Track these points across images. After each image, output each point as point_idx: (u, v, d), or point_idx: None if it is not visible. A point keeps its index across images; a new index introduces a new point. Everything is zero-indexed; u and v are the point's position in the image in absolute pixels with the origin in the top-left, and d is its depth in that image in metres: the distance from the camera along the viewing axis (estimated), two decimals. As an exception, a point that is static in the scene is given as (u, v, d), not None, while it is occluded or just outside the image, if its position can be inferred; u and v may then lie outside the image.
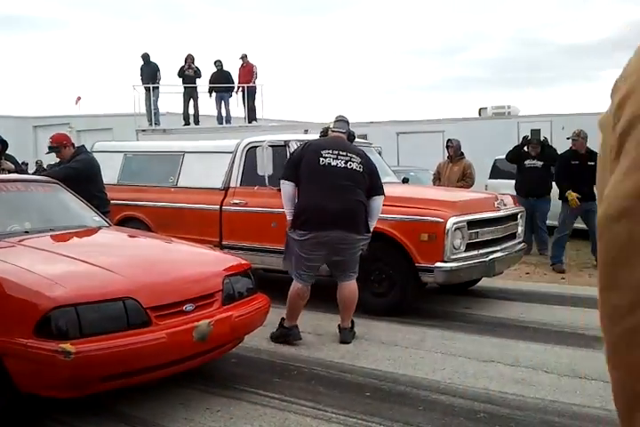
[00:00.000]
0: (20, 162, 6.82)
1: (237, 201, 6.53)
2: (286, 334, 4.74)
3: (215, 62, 15.90)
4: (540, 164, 8.90)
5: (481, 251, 5.70)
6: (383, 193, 4.84)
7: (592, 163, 7.65)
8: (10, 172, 6.09)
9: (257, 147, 6.44)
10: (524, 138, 9.52)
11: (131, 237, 4.79)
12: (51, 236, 4.24)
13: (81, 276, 3.42)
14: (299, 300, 4.70)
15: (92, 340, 3.06)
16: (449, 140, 9.41)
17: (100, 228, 4.71)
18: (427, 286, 5.74)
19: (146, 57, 15.67)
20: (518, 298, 6.43)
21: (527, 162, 8.97)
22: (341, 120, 4.98)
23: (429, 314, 5.61)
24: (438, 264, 5.33)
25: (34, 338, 3.02)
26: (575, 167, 7.77)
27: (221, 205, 6.62)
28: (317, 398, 3.77)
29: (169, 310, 3.43)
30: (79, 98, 23.90)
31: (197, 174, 7.03)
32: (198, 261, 4.12)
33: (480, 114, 17.49)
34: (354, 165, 4.67)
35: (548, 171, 8.96)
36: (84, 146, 6.39)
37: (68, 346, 2.96)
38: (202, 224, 6.50)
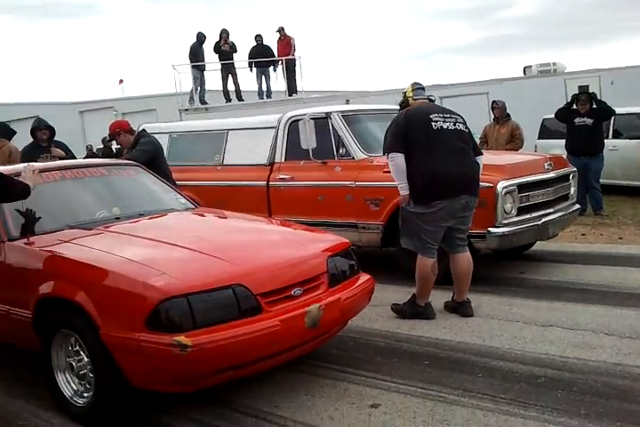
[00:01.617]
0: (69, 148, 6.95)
1: (283, 176, 6.55)
2: (421, 313, 4.62)
3: (256, 37, 15.87)
4: (589, 121, 8.65)
5: (533, 214, 5.60)
6: (482, 153, 4.76)
7: None
8: (61, 158, 6.22)
9: (299, 120, 6.42)
10: (572, 96, 9.23)
11: (222, 218, 4.56)
12: (142, 221, 4.07)
13: (186, 263, 3.25)
14: (431, 275, 4.56)
15: (207, 331, 2.92)
16: (494, 101, 9.19)
17: (188, 210, 4.59)
18: (479, 252, 5.68)
19: (200, 36, 15.64)
20: (574, 260, 6.31)
21: (577, 120, 8.73)
22: (419, 88, 4.76)
23: (484, 280, 5.55)
24: (490, 230, 5.26)
25: (146, 332, 2.90)
26: None
27: (268, 181, 6.65)
28: (376, 367, 3.80)
29: (278, 295, 3.25)
30: (121, 80, 24.22)
31: (242, 151, 7.06)
32: (299, 242, 3.87)
33: (525, 73, 17.03)
34: (461, 126, 4.55)
35: (599, 128, 8.71)
36: (144, 130, 6.41)
37: (183, 339, 2.84)
38: (250, 201, 6.54)
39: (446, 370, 3.70)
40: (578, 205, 6.61)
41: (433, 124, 4.43)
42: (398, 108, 4.87)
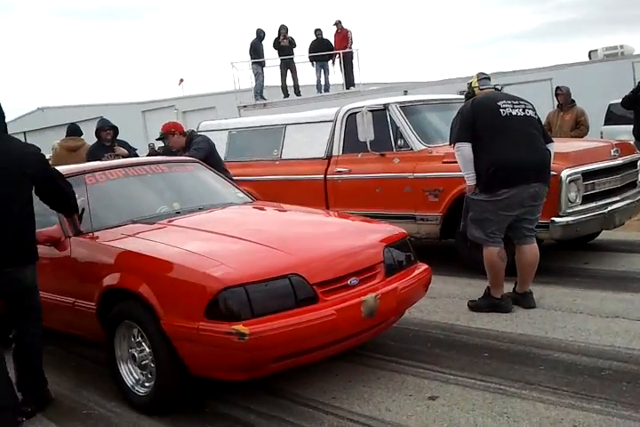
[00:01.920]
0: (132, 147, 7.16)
1: (341, 169, 6.56)
2: (497, 305, 4.52)
3: (315, 31, 15.94)
4: (660, 105, 8.27)
5: (599, 202, 5.44)
6: (552, 140, 4.67)
7: None
8: (124, 157, 6.42)
9: (356, 113, 6.41)
10: (639, 82, 8.86)
11: (280, 211, 4.64)
12: (201, 215, 4.18)
13: (244, 254, 3.32)
14: (500, 263, 4.48)
15: (264, 320, 2.98)
16: (558, 87, 8.93)
17: (246, 204, 4.68)
18: (543, 242, 5.54)
19: (260, 32, 15.84)
20: (642, 250, 6.09)
21: (646, 102, 8.37)
22: (485, 78, 4.66)
23: (546, 271, 5.41)
24: (554, 219, 5.13)
25: (205, 321, 2.98)
26: None
27: (325, 175, 6.67)
28: (434, 359, 3.78)
29: (334, 285, 3.28)
30: (182, 80, 24.66)
31: (300, 145, 7.11)
32: (355, 232, 3.90)
33: (590, 57, 16.46)
34: (530, 113, 4.45)
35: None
36: (193, 130, 6.53)
37: (241, 327, 2.91)
38: (307, 194, 6.57)
39: (507, 362, 3.64)
40: (646, 193, 6.37)
41: (501, 110, 4.34)
42: (463, 98, 4.80)
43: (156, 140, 6.79)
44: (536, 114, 4.52)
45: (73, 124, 7.73)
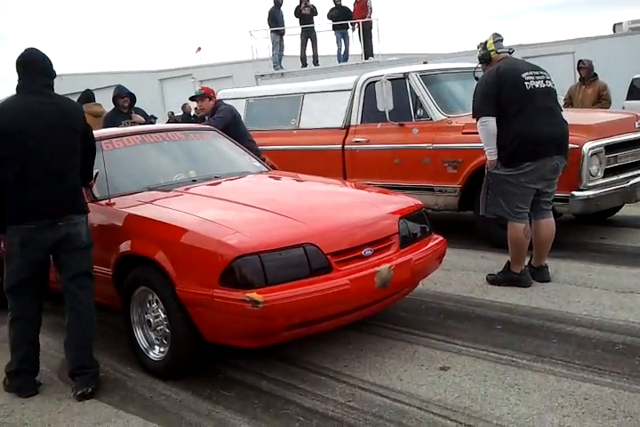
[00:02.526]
0: (148, 115, 7.16)
1: (359, 139, 6.51)
2: (517, 280, 4.49)
3: None
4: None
5: (621, 176, 5.36)
6: (562, 109, 4.59)
7: None
8: (140, 124, 6.41)
9: (375, 82, 6.33)
10: None
11: (296, 181, 4.61)
12: (217, 183, 4.17)
13: (259, 223, 3.32)
14: (524, 240, 4.43)
15: (278, 288, 3.00)
16: (580, 60, 8.76)
17: (262, 173, 4.67)
18: (561, 216, 5.48)
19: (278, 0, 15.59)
20: (660, 226, 6.02)
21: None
22: (500, 39, 4.51)
23: (562, 245, 5.37)
24: (574, 193, 5.07)
25: (219, 288, 3.00)
26: None
27: (343, 144, 6.63)
28: (446, 331, 3.79)
29: (348, 255, 3.29)
30: (199, 48, 24.54)
31: (318, 115, 7.05)
32: (371, 203, 3.87)
33: (615, 30, 16.11)
34: (549, 83, 4.38)
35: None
36: (221, 100, 6.50)
37: (255, 295, 2.93)
38: (325, 164, 6.54)
39: (519, 335, 3.65)
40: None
41: (526, 83, 4.25)
42: (478, 61, 4.63)
43: (190, 99, 6.84)
44: (553, 84, 4.44)
45: (87, 90, 7.72)
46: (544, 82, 4.32)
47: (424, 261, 3.66)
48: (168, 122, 16.45)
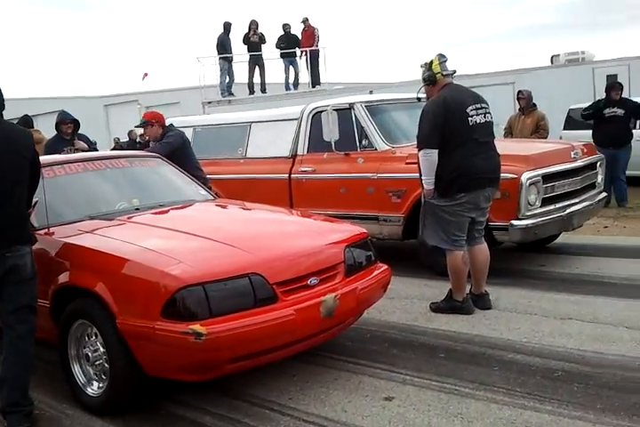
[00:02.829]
0: (92, 141, 7.05)
1: (306, 168, 6.55)
2: (459, 308, 4.56)
3: (284, 26, 15.81)
4: (620, 111, 8.51)
5: (558, 205, 5.50)
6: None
7: None
8: (83, 151, 6.31)
9: (322, 112, 6.40)
10: (597, 100, 9.10)
11: (241, 209, 4.60)
12: (161, 212, 4.12)
13: (203, 252, 3.28)
14: (463, 267, 4.53)
15: (222, 320, 2.95)
16: (519, 91, 9.09)
17: (207, 201, 4.63)
18: (502, 244, 5.63)
19: (227, 26, 15.63)
20: (596, 253, 6.22)
21: (607, 111, 8.59)
22: (445, 61, 4.56)
23: (503, 273, 5.51)
24: (513, 222, 5.19)
25: (161, 320, 2.94)
26: None
27: (290, 174, 6.66)
28: (391, 360, 3.80)
29: (294, 284, 3.27)
30: (146, 74, 24.32)
31: (265, 144, 7.06)
32: (316, 232, 3.88)
33: (552, 62, 16.77)
34: (489, 117, 4.51)
35: (629, 119, 8.56)
36: (172, 124, 6.42)
37: (198, 327, 2.87)
38: (272, 194, 6.53)
39: (462, 363, 3.69)
40: (604, 194, 6.48)
41: (469, 119, 4.36)
42: (422, 80, 4.63)
43: (136, 126, 6.76)
44: (491, 117, 4.57)
45: (25, 115, 7.59)
46: (484, 116, 4.45)
47: (369, 290, 3.68)
48: (114, 148, 16.23)
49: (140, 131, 15.61)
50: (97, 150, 7.04)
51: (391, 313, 4.71)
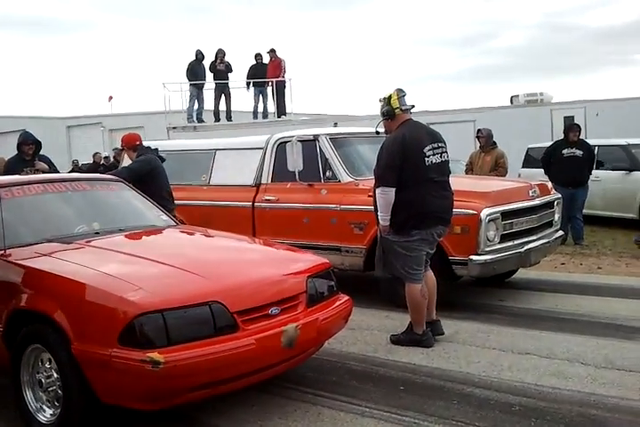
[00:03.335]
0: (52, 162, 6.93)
1: (269, 197, 6.56)
2: (419, 340, 4.57)
3: (256, 56, 15.98)
4: (579, 152, 8.77)
5: (516, 241, 5.61)
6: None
7: None
8: (44, 172, 6.21)
9: (286, 142, 6.45)
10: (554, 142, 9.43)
11: (203, 236, 4.55)
12: (122, 236, 4.06)
13: (163, 279, 3.24)
14: (423, 300, 4.56)
15: (181, 348, 2.90)
16: (479, 130, 9.29)
17: (169, 227, 4.57)
18: (461, 278, 5.70)
19: (198, 54, 15.72)
20: (553, 289, 6.34)
21: (565, 151, 8.85)
22: (404, 96, 4.62)
23: (463, 307, 5.57)
24: (472, 257, 5.27)
25: (118, 347, 2.88)
26: None
27: (253, 202, 6.65)
28: (351, 392, 3.78)
29: (255, 313, 3.24)
30: (111, 97, 24.27)
31: (229, 172, 7.07)
32: (279, 261, 3.89)
33: (512, 102, 17.25)
34: (445, 156, 4.58)
35: (587, 160, 8.83)
36: (149, 147, 6.34)
37: (156, 355, 2.82)
38: (235, 222, 6.52)
39: (421, 396, 3.69)
40: (561, 232, 6.64)
41: (426, 159, 4.44)
42: (381, 114, 4.68)
43: (113, 150, 6.70)
44: (448, 156, 4.66)
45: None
46: (440, 156, 4.54)
47: (330, 321, 3.66)
48: (72, 171, 15.97)
49: (106, 154, 15.50)
50: (58, 172, 6.92)
51: (352, 344, 4.69)
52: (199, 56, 15.71)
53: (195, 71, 15.52)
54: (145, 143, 6.84)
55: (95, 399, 3.06)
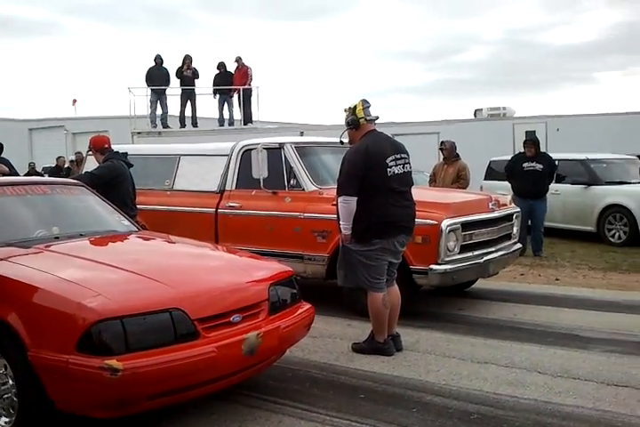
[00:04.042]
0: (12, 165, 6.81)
1: (233, 204, 6.54)
2: (381, 349, 4.59)
3: (218, 65, 15.92)
4: (539, 166, 8.94)
5: (475, 252, 5.70)
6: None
7: None
8: (4, 175, 6.10)
9: (252, 149, 6.45)
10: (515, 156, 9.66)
11: (165, 242, 4.52)
12: (82, 241, 4.00)
13: (123, 285, 3.21)
14: (384, 309, 4.57)
15: (140, 355, 2.87)
16: (442, 142, 9.44)
17: (130, 233, 4.53)
18: (421, 288, 5.76)
19: (158, 59, 15.60)
20: (512, 299, 6.44)
21: (525, 164, 9.02)
22: (369, 106, 4.66)
23: (424, 316, 5.62)
24: (432, 267, 5.34)
25: (76, 354, 2.83)
26: None
27: (217, 208, 6.62)
28: (312, 400, 3.78)
29: (216, 321, 3.23)
30: (75, 100, 23.96)
31: (193, 177, 7.03)
32: (242, 269, 3.86)
33: (475, 115, 17.55)
34: (407, 167, 4.62)
35: (547, 173, 9.01)
36: (117, 152, 6.24)
37: (114, 362, 2.78)
38: (198, 227, 6.49)
39: (381, 404, 3.71)
40: (519, 245, 6.77)
41: (388, 169, 4.48)
42: (346, 124, 4.70)
43: (75, 153, 6.59)
44: (410, 167, 4.71)
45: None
46: (403, 167, 4.59)
47: (292, 329, 3.67)
48: (28, 173, 15.66)
49: (72, 157, 15.15)
50: (18, 175, 6.81)
51: (313, 352, 4.69)
52: (158, 61, 15.61)
53: (151, 77, 15.38)
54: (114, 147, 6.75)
55: (52, 407, 3.01)
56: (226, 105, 16.10)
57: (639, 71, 77.61)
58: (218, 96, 15.95)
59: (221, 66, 15.98)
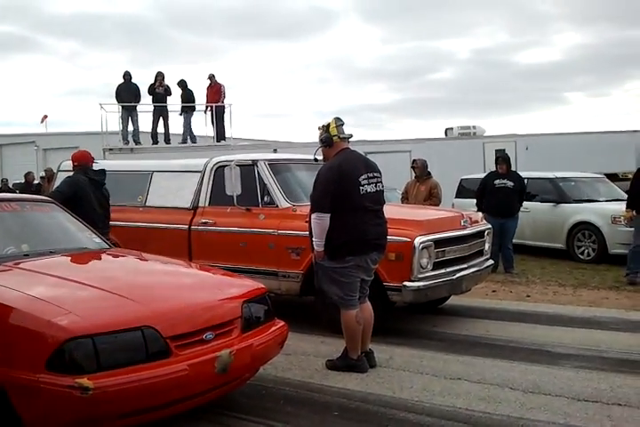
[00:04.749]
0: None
1: (206, 221, 6.51)
2: (355, 365, 4.59)
3: (179, 83, 15.91)
4: (510, 184, 9.06)
5: (448, 269, 5.74)
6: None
7: None
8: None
9: (225, 166, 6.45)
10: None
11: (137, 259, 4.48)
12: (52, 259, 3.97)
13: (94, 303, 3.18)
14: (358, 326, 4.57)
15: (111, 374, 2.85)
16: (414, 160, 9.52)
17: (102, 250, 4.49)
18: (395, 304, 5.77)
19: (127, 75, 15.56)
20: (485, 316, 6.49)
21: (497, 182, 9.14)
22: (342, 124, 4.71)
23: (397, 332, 5.64)
24: (406, 284, 5.36)
25: (46, 372, 2.81)
26: None
27: (190, 225, 6.59)
28: (286, 418, 3.76)
29: (189, 339, 3.21)
30: (45, 116, 23.70)
31: (166, 194, 6.99)
32: (215, 286, 3.86)
33: (446, 134, 17.79)
34: (380, 186, 4.67)
35: (518, 191, 9.13)
36: (81, 167, 6.21)
37: (85, 381, 2.76)
38: (171, 244, 6.45)
39: (355, 421, 3.70)
40: (491, 261, 6.84)
41: (361, 188, 4.52)
42: (319, 141, 4.76)
43: (45, 170, 6.50)
44: (382, 186, 4.76)
45: None
46: (375, 185, 4.63)
47: (266, 347, 3.66)
48: (0, 190, 15.45)
49: (42, 174, 14.95)
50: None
51: (287, 370, 4.67)
52: (127, 77, 15.58)
53: (119, 93, 15.32)
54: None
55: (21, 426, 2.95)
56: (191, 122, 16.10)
57: (605, 92, 79.52)
58: (183, 113, 15.93)
59: (182, 83, 15.97)
